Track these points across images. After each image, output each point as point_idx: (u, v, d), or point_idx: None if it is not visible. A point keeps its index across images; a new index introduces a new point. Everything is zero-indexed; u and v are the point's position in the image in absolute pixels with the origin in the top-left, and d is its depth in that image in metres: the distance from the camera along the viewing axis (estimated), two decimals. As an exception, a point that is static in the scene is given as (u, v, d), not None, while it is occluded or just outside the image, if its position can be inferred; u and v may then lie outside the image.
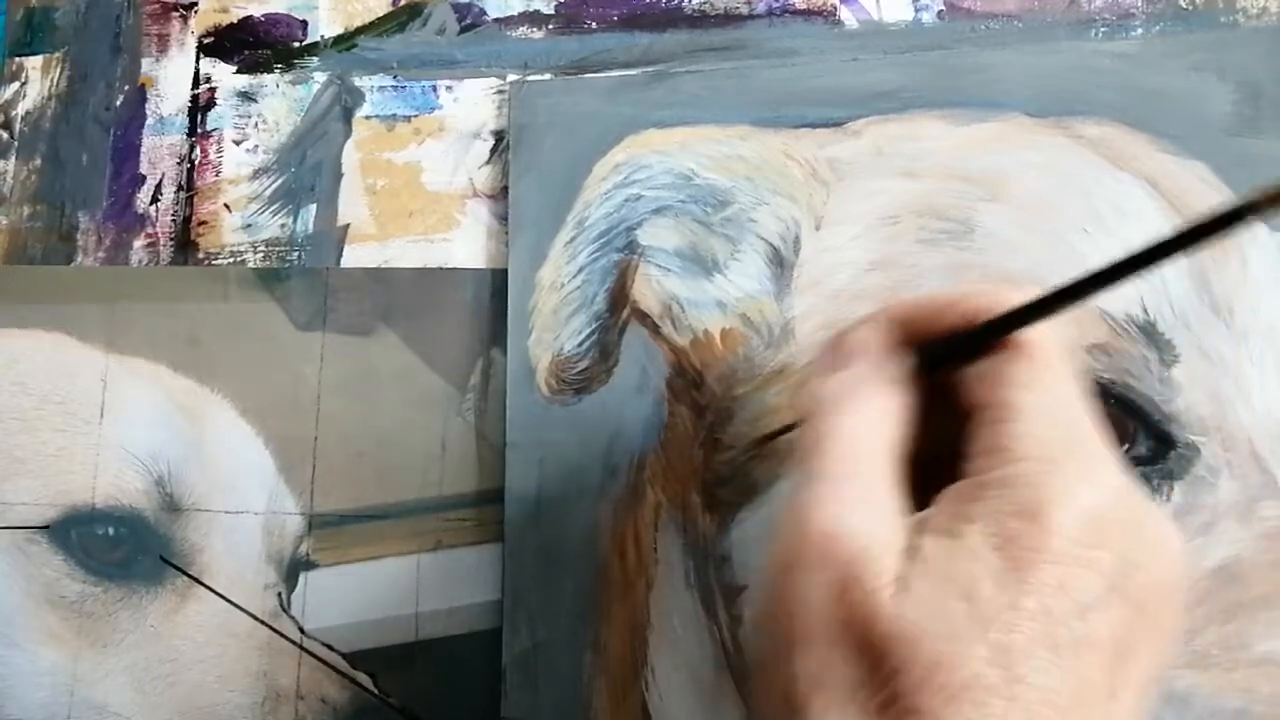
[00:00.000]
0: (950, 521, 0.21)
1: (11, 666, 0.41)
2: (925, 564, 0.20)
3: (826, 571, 0.21)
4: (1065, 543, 0.20)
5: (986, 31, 0.41)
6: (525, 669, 0.38)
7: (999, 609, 0.19)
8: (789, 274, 0.38)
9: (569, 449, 0.39)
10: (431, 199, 0.43)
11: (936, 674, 0.19)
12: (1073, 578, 0.20)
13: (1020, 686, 0.19)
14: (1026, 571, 0.19)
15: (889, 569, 0.20)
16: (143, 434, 0.42)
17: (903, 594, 0.20)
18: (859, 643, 0.20)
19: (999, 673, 0.19)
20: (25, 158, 0.47)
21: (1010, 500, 0.20)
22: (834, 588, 0.20)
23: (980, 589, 0.19)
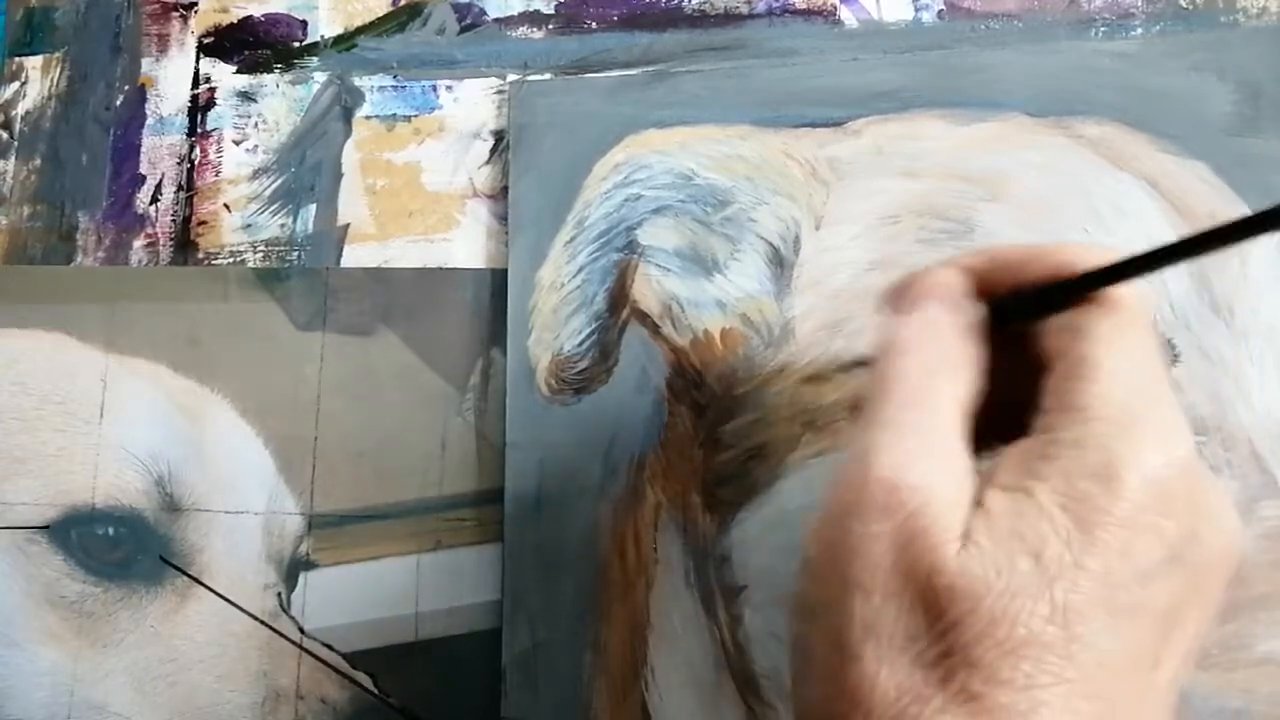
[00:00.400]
0: (1019, 478, 0.21)
1: (11, 666, 0.41)
2: (991, 520, 0.20)
3: (889, 521, 0.20)
4: (1133, 508, 0.20)
5: (986, 31, 0.41)
6: (525, 669, 0.38)
7: (1064, 568, 0.19)
8: (789, 274, 0.38)
9: (569, 449, 0.39)
10: (431, 199, 0.43)
11: (996, 629, 0.19)
12: (1137, 543, 0.20)
13: (1077, 646, 0.19)
14: (1094, 532, 0.19)
15: (955, 523, 0.20)
16: (143, 434, 0.42)
17: (967, 549, 0.20)
18: (919, 595, 0.20)
19: (1057, 631, 0.19)
20: (25, 158, 0.47)
21: (1082, 461, 0.20)
22: (896, 539, 0.20)
23: (1047, 548, 0.19)
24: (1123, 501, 0.20)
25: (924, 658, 0.20)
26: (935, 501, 0.20)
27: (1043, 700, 0.19)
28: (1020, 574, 0.19)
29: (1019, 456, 0.21)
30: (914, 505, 0.20)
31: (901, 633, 0.20)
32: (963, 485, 0.21)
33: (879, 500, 0.21)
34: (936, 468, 0.21)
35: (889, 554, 0.20)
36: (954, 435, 0.22)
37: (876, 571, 0.20)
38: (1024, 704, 0.19)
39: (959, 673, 0.19)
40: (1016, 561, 0.19)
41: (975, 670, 0.19)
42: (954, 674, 0.19)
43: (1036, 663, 0.19)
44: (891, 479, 0.21)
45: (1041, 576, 0.19)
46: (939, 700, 0.19)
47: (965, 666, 0.19)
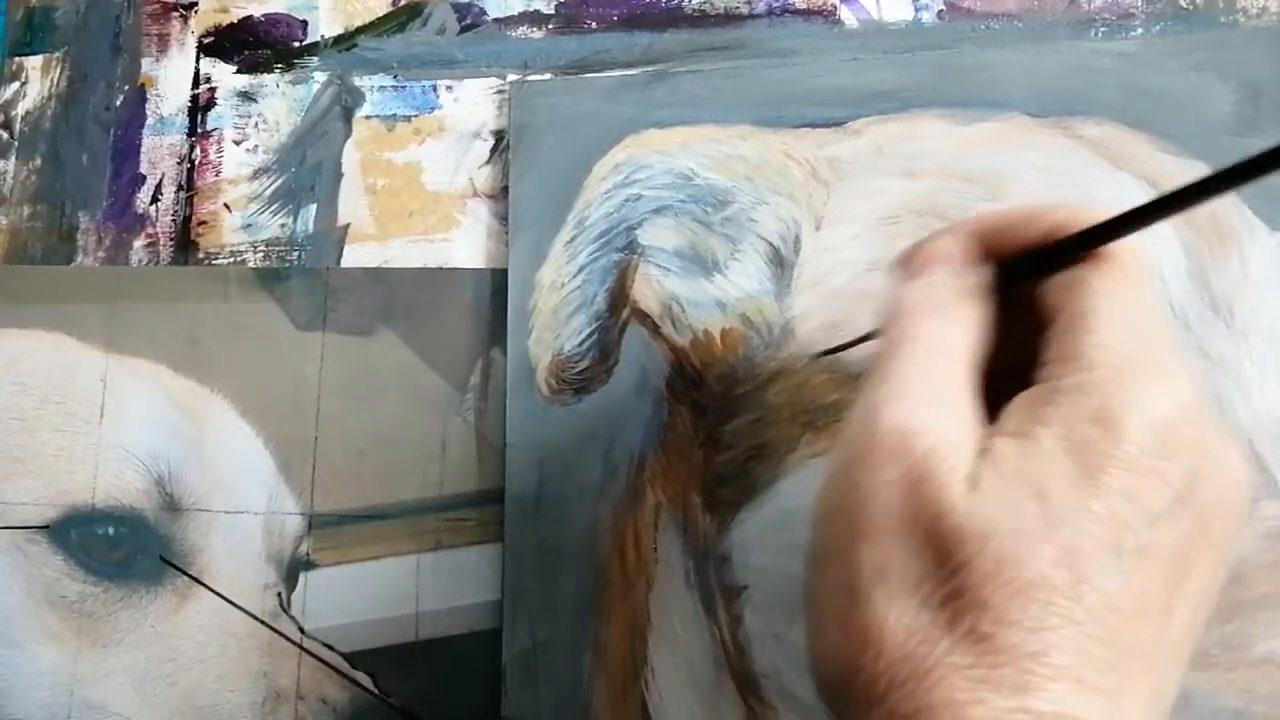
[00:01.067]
0: (1023, 425, 0.21)
1: (11, 666, 0.41)
2: (997, 463, 0.20)
3: (897, 467, 0.21)
4: (1137, 451, 0.20)
5: (986, 31, 0.41)
6: (525, 669, 0.38)
7: (1069, 510, 0.19)
8: (789, 274, 0.38)
9: (569, 449, 0.39)
10: (431, 199, 0.43)
11: (1004, 570, 0.19)
12: (1142, 486, 0.20)
13: (1085, 588, 0.19)
14: (1098, 476, 0.20)
15: (961, 467, 0.20)
16: (143, 434, 0.42)
17: (974, 491, 0.20)
18: (927, 537, 0.20)
19: (1065, 574, 0.19)
20: (25, 158, 0.47)
21: (1085, 406, 0.20)
22: (904, 483, 0.21)
23: (1052, 490, 0.20)
24: (1125, 445, 0.20)
25: (933, 599, 0.20)
26: (942, 447, 0.21)
27: (1052, 642, 0.19)
28: (1027, 516, 0.19)
29: (1024, 405, 0.21)
30: (921, 450, 0.21)
31: (910, 575, 0.20)
32: (970, 433, 0.21)
33: (887, 447, 0.21)
34: (944, 415, 0.21)
35: (897, 499, 0.21)
36: (961, 386, 0.22)
37: (885, 516, 0.21)
38: (1033, 645, 0.19)
39: (968, 614, 0.19)
40: (1023, 504, 0.20)
41: (984, 611, 0.19)
42: (963, 615, 0.19)
43: (1045, 605, 0.19)
44: (900, 426, 0.21)
45: (1047, 519, 0.19)
46: (948, 641, 0.19)
47: (974, 608, 0.19)
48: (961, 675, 0.19)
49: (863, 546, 0.21)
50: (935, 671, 0.19)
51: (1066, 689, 0.19)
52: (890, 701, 0.20)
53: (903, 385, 0.22)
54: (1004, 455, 0.20)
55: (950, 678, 0.19)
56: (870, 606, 0.20)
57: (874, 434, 0.21)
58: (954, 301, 0.23)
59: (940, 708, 0.19)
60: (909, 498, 0.20)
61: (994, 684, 0.19)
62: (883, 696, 0.20)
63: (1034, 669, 0.19)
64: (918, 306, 0.23)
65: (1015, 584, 0.19)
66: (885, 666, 0.20)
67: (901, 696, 0.20)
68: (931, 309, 0.23)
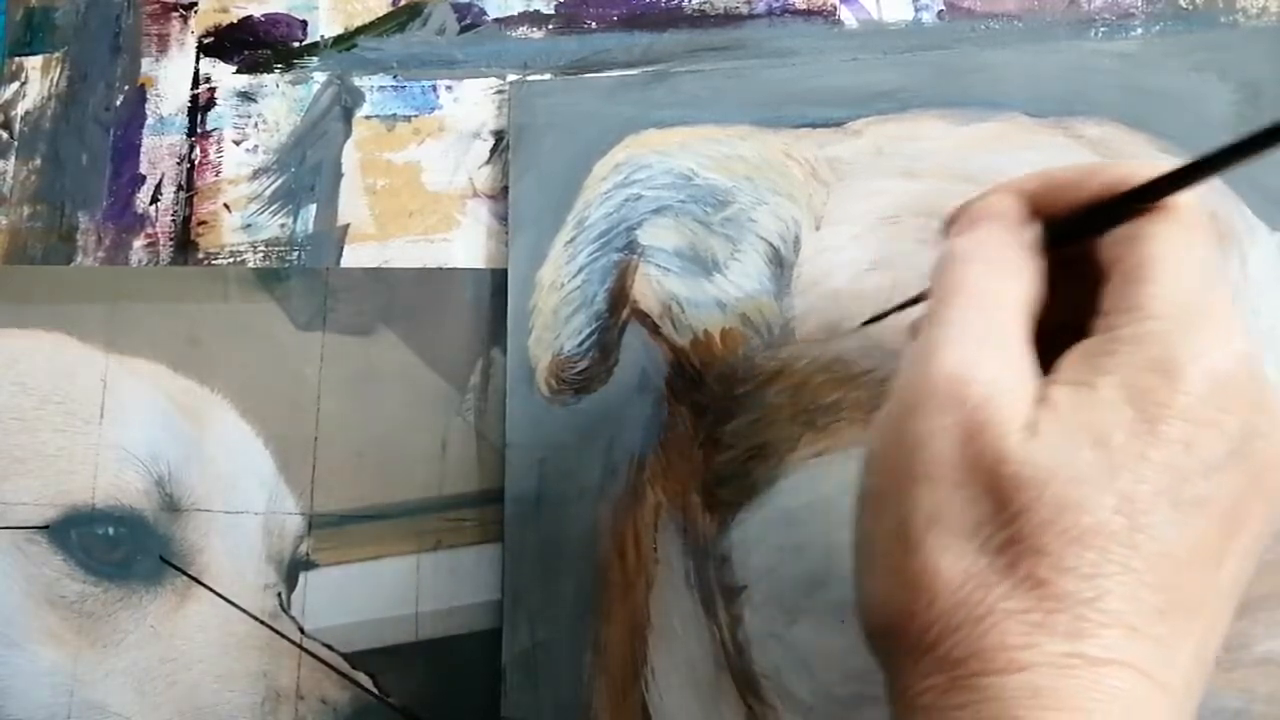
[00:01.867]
0: (1082, 374, 0.21)
1: (11, 666, 0.41)
2: (1056, 411, 0.20)
3: (954, 413, 0.21)
4: (1195, 401, 0.20)
5: (986, 31, 0.41)
6: (525, 669, 0.38)
7: (1128, 459, 0.20)
8: (789, 274, 0.38)
9: (569, 449, 0.39)
10: (431, 199, 0.43)
11: (1063, 517, 0.19)
12: (1200, 437, 0.20)
13: (1142, 536, 0.19)
14: (1157, 425, 0.20)
15: (1019, 414, 0.20)
16: (142, 434, 0.42)
17: (1033, 439, 0.20)
18: (985, 484, 0.20)
19: (1123, 521, 0.19)
20: (25, 158, 0.47)
21: (1144, 355, 0.20)
22: (961, 429, 0.21)
23: (1112, 438, 0.20)
24: (1184, 395, 0.20)
25: (989, 545, 0.20)
26: (1000, 394, 0.21)
27: (1107, 589, 0.19)
28: (1086, 463, 0.20)
29: (1081, 354, 0.21)
30: (979, 397, 0.21)
31: (967, 521, 0.20)
32: (1026, 380, 0.21)
33: (943, 392, 0.21)
34: (1000, 362, 0.21)
35: (954, 445, 0.21)
36: (1017, 334, 0.22)
37: (942, 462, 0.21)
38: (1089, 591, 0.19)
39: (1025, 559, 0.19)
40: (1082, 451, 0.20)
41: (1041, 557, 0.19)
42: (1019, 561, 0.19)
43: (1102, 551, 0.19)
44: (956, 373, 0.21)
45: (1107, 466, 0.19)
46: (1003, 586, 0.19)
47: (1031, 553, 0.19)
48: (1016, 620, 0.19)
49: (917, 491, 0.21)
50: (989, 617, 0.19)
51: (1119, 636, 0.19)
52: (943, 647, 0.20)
53: (959, 332, 0.22)
54: (1062, 403, 0.20)
55: (1004, 623, 0.19)
56: (924, 552, 0.20)
57: (929, 379, 0.21)
58: (1010, 254, 0.23)
59: (994, 652, 0.19)
60: (966, 443, 0.20)
61: (1048, 629, 0.19)
62: (935, 642, 0.20)
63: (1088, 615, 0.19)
64: (972, 257, 0.23)
65: (1073, 531, 0.19)
66: (939, 612, 0.20)
67: (955, 642, 0.20)
68: (987, 260, 0.23)
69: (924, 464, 0.21)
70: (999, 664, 0.19)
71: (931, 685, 0.20)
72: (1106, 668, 0.19)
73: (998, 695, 0.19)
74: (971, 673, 0.19)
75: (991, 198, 0.25)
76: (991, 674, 0.19)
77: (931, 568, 0.20)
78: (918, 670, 0.20)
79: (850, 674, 0.34)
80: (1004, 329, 0.22)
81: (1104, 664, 0.19)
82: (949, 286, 0.23)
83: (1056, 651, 0.19)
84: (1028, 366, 0.22)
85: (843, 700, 0.34)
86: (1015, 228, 0.24)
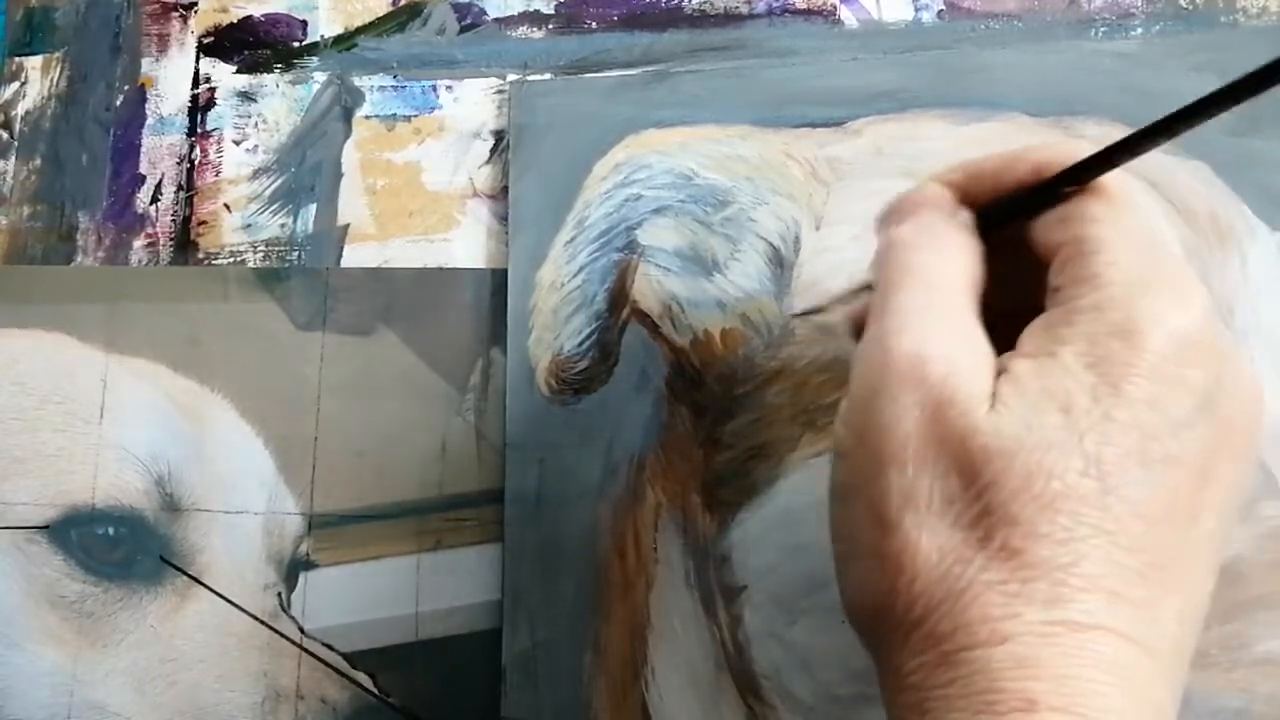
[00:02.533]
0: (1042, 345, 0.21)
1: (11, 667, 0.41)
2: (1019, 382, 0.20)
3: (915, 393, 0.21)
4: (1157, 360, 0.20)
5: (986, 31, 0.41)
6: (525, 669, 0.38)
7: (1094, 421, 0.20)
8: (789, 274, 0.38)
9: (569, 449, 0.39)
10: (431, 199, 0.43)
11: (1032, 484, 0.19)
12: (1165, 394, 0.20)
13: (1112, 498, 0.19)
14: (1121, 386, 0.20)
15: (981, 388, 0.21)
16: (142, 434, 0.42)
17: (998, 410, 0.20)
18: (953, 459, 0.20)
19: (1092, 484, 0.19)
20: (25, 158, 0.47)
21: (1104, 321, 0.20)
22: (924, 409, 0.21)
23: (1075, 402, 0.20)
24: (1146, 354, 0.20)
25: (963, 519, 0.20)
26: (960, 370, 0.21)
27: (1082, 553, 0.19)
28: (1051, 429, 0.20)
29: (1039, 327, 0.22)
30: (939, 374, 0.21)
31: (939, 498, 0.20)
32: (983, 355, 0.21)
33: (903, 375, 0.21)
34: (955, 339, 0.22)
35: (920, 424, 0.21)
36: (967, 312, 0.22)
37: (908, 442, 0.21)
38: (1065, 556, 0.19)
39: (999, 530, 0.20)
40: (1046, 417, 0.20)
41: (1014, 527, 0.19)
42: (994, 532, 0.20)
43: (1073, 516, 0.19)
44: (914, 352, 0.21)
45: (1072, 430, 0.20)
46: (981, 559, 0.20)
47: (1004, 524, 0.19)
48: (995, 591, 0.19)
49: (888, 475, 0.21)
50: (970, 590, 0.20)
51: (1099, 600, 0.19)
52: (928, 624, 0.20)
53: (911, 314, 0.22)
54: (1024, 374, 0.21)
55: (985, 595, 0.19)
56: (901, 532, 0.21)
57: (888, 364, 0.21)
58: (950, 236, 0.24)
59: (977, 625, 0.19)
60: (932, 422, 0.21)
61: (1027, 598, 0.19)
62: (919, 620, 0.20)
63: (1066, 581, 0.19)
64: (914, 242, 0.24)
65: (1044, 497, 0.19)
66: (921, 589, 0.20)
67: (939, 617, 0.20)
68: (928, 243, 0.23)
69: (891, 446, 0.21)
70: (982, 636, 0.19)
71: (920, 664, 0.20)
72: (1089, 633, 0.19)
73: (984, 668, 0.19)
74: (958, 647, 0.19)
75: (920, 190, 0.25)
76: (976, 647, 0.19)
77: (910, 547, 0.20)
78: (905, 650, 0.20)
79: (851, 674, 0.34)
80: (954, 307, 0.22)
81: (1086, 629, 0.19)
82: (894, 272, 0.23)
83: (1037, 620, 0.19)
84: (982, 341, 0.22)
85: (843, 700, 0.34)
86: (950, 212, 0.24)
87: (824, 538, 0.35)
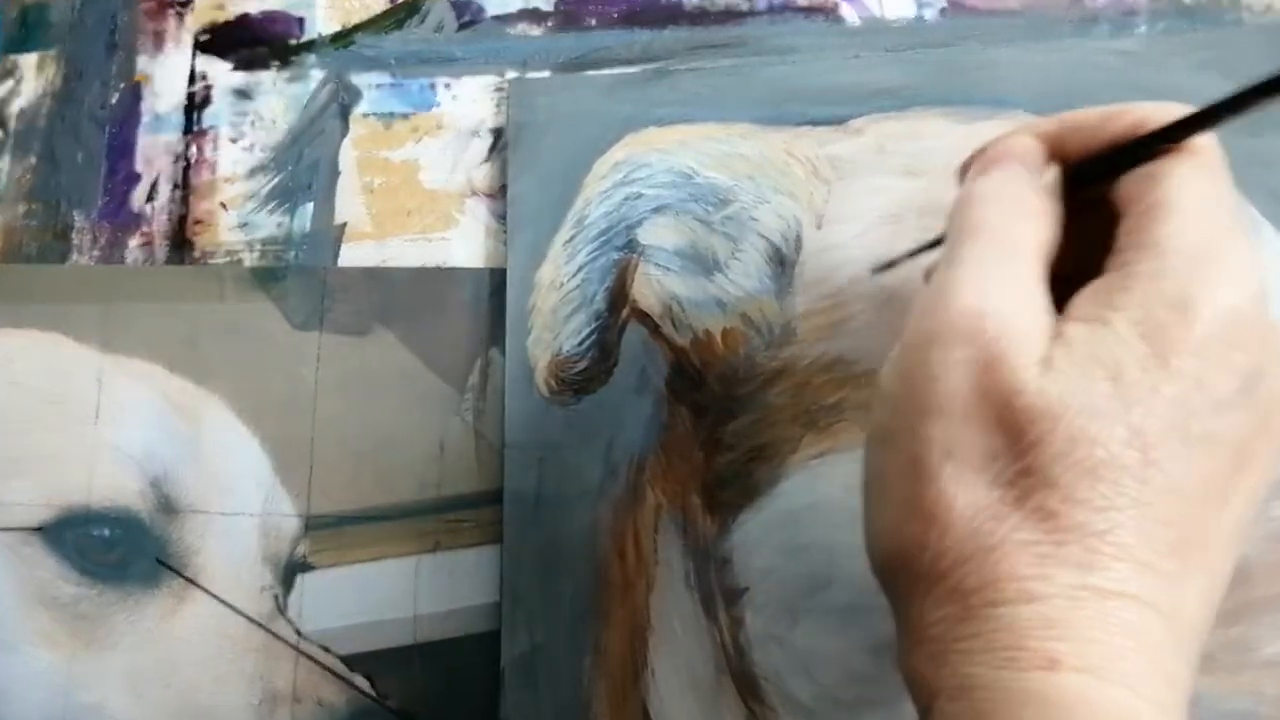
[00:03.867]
0: (1097, 309, 0.21)
1: (6, 669, 0.41)
2: (1070, 346, 0.21)
3: (970, 348, 0.21)
4: (1208, 338, 0.20)
5: (989, 29, 0.41)
6: (524, 671, 0.38)
7: (1142, 393, 0.20)
8: (790, 273, 0.37)
9: (569, 449, 0.39)
10: (429, 197, 0.43)
11: (1076, 449, 0.19)
12: (1211, 373, 0.20)
13: (1152, 470, 0.19)
14: (1169, 360, 0.20)
15: (1034, 349, 0.21)
16: (138, 434, 0.42)
17: (1048, 372, 0.20)
18: (999, 416, 0.20)
19: (1135, 455, 0.19)
20: (20, 156, 0.47)
21: (1160, 291, 0.20)
22: (977, 363, 0.21)
23: (1126, 372, 0.20)
24: (1198, 331, 0.20)
25: (1002, 477, 0.20)
26: (1016, 328, 0.21)
27: (1118, 522, 0.19)
28: (1099, 396, 0.20)
29: (1096, 291, 0.22)
30: (995, 331, 0.21)
31: (980, 453, 0.20)
32: (1041, 317, 0.21)
33: (959, 328, 0.21)
34: (1016, 298, 0.22)
35: (970, 378, 0.21)
36: (1033, 273, 0.22)
37: (956, 395, 0.21)
38: (1100, 524, 0.19)
39: (1037, 491, 0.20)
40: (1095, 385, 0.20)
41: (1053, 489, 0.19)
42: (1031, 493, 0.20)
43: (1113, 484, 0.19)
44: (973, 307, 0.21)
45: (1120, 400, 0.20)
46: (1016, 517, 0.20)
47: (1043, 486, 0.20)
48: (1028, 551, 0.19)
49: (931, 423, 0.21)
50: (1001, 547, 0.20)
51: (1130, 569, 0.19)
52: (955, 577, 0.20)
53: (976, 269, 0.22)
54: (1077, 338, 0.21)
55: (1016, 554, 0.20)
56: (938, 483, 0.21)
57: (945, 315, 0.21)
58: (1028, 196, 0.24)
59: (1005, 582, 0.19)
60: (981, 376, 0.21)
61: (1059, 560, 0.19)
62: (946, 572, 0.20)
63: (1099, 547, 0.19)
64: (991, 198, 0.24)
65: (1085, 463, 0.19)
66: (952, 542, 0.20)
67: (967, 572, 0.20)
68: (1005, 201, 0.23)
69: (938, 397, 0.21)
70: (1010, 594, 0.19)
71: (944, 615, 0.20)
72: (1116, 600, 0.19)
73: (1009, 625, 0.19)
74: (984, 602, 0.20)
75: (1010, 139, 0.25)
76: (1003, 604, 0.19)
77: (945, 499, 0.20)
78: (928, 600, 0.21)
79: (852, 676, 0.34)
80: (1020, 266, 0.22)
81: (1114, 596, 0.19)
82: (967, 227, 0.23)
83: (1067, 583, 0.19)
84: (1043, 304, 0.22)
85: (844, 703, 0.34)
86: (1034, 170, 0.24)
87: (826, 539, 0.35)
